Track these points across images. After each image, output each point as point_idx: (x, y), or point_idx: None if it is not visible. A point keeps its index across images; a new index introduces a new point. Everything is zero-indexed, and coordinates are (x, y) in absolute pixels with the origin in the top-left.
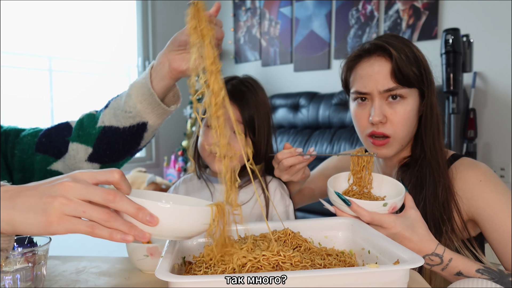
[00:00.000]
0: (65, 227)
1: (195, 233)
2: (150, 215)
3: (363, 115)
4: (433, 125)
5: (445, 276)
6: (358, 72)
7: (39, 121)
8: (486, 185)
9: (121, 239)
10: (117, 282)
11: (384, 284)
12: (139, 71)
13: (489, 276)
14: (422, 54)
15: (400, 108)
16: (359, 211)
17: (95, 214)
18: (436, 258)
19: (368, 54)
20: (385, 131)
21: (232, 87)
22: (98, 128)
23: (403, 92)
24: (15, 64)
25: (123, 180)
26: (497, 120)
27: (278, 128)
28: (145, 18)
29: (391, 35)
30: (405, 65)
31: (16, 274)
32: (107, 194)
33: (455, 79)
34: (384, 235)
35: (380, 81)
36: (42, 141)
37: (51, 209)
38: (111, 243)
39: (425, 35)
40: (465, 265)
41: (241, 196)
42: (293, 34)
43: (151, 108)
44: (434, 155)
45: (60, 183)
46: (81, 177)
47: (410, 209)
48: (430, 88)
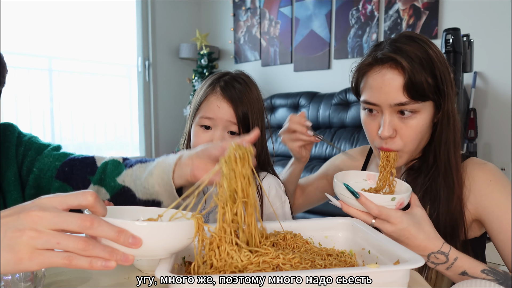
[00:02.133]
0: (38, 262)
1: (180, 248)
2: (132, 237)
3: (372, 126)
4: (449, 137)
5: (450, 276)
6: (368, 81)
7: (39, 121)
8: (496, 185)
9: (103, 267)
10: (117, 282)
11: (384, 284)
12: (138, 71)
13: (494, 277)
14: (439, 56)
15: (411, 122)
16: (367, 204)
17: (71, 244)
18: (442, 257)
19: (380, 63)
20: (393, 147)
21: (225, 83)
22: (119, 185)
23: (415, 107)
24: (15, 64)
25: (98, 202)
26: (497, 120)
27: (278, 128)
28: (145, 18)
29: (407, 37)
30: (418, 78)
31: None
32: (82, 220)
33: (455, 79)
34: (384, 235)
35: (391, 94)
36: (65, 170)
37: (20, 245)
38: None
39: (425, 35)
40: (470, 265)
41: None
42: (293, 34)
43: (167, 194)
44: (449, 170)
45: (26, 213)
46: (50, 203)
47: (416, 207)
48: (447, 96)
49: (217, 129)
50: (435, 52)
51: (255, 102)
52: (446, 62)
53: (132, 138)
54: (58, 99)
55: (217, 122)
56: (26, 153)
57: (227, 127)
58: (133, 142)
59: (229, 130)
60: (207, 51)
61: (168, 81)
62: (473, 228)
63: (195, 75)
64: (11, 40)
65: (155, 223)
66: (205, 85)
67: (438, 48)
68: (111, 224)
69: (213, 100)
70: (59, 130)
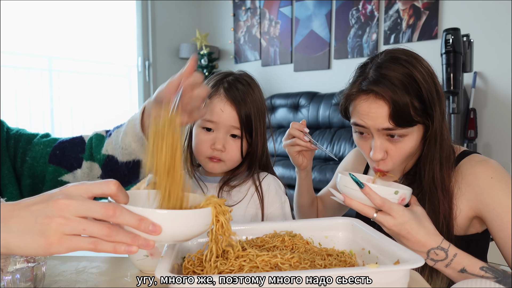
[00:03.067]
0: (67, 247)
1: (197, 234)
2: (152, 224)
3: (365, 148)
4: (435, 157)
5: (449, 274)
6: (356, 108)
7: (39, 121)
8: (497, 182)
9: (126, 251)
10: (117, 282)
11: (384, 284)
12: (138, 71)
13: (492, 274)
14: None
15: (401, 145)
16: (371, 194)
17: (96, 230)
18: (441, 253)
19: (365, 93)
20: (385, 169)
21: (229, 85)
22: (103, 155)
23: (403, 132)
24: (15, 64)
25: (120, 191)
26: (497, 120)
27: (278, 128)
28: (145, 18)
29: (391, 58)
30: (403, 104)
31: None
32: (106, 209)
33: (455, 79)
34: (384, 235)
35: (378, 120)
36: (56, 153)
37: (50, 231)
38: None
39: (425, 35)
40: (469, 261)
41: (235, 196)
42: (293, 34)
43: (144, 149)
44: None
45: (54, 201)
46: (76, 192)
47: (416, 206)
48: (436, 117)
49: (220, 132)
50: (421, 72)
51: (257, 103)
52: (434, 79)
53: None
54: (58, 99)
55: (219, 126)
56: (16, 145)
57: (229, 131)
58: None
59: (231, 133)
60: (207, 51)
61: None
62: (473, 224)
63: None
64: (11, 40)
65: (174, 212)
66: (208, 85)
67: (424, 64)
68: (132, 212)
69: (216, 102)
70: (59, 130)
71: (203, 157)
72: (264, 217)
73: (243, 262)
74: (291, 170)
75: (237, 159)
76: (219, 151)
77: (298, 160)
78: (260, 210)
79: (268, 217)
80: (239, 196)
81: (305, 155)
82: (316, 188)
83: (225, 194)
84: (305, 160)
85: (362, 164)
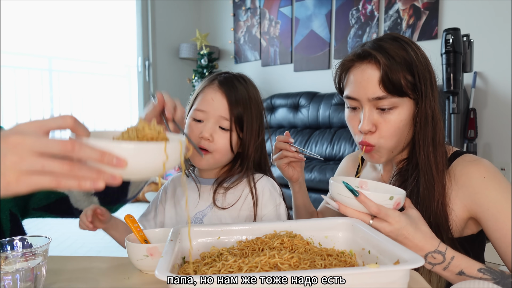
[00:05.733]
0: (27, 185)
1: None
2: (116, 158)
3: (354, 122)
4: (428, 136)
5: (447, 276)
6: (350, 77)
7: None
8: (490, 182)
9: (92, 187)
10: (117, 282)
11: (384, 284)
12: (138, 71)
13: (490, 276)
14: (420, 58)
15: (390, 117)
16: (366, 202)
17: (56, 166)
18: (439, 256)
19: (360, 60)
20: (372, 141)
21: (224, 78)
22: None
23: (393, 102)
24: (15, 64)
25: (78, 124)
26: (497, 120)
27: (278, 128)
28: (145, 18)
29: (390, 37)
30: (395, 73)
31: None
32: (64, 144)
33: (455, 79)
34: (384, 235)
35: (369, 89)
36: None
37: (4, 169)
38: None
39: (425, 35)
40: (467, 264)
41: (229, 198)
42: (293, 34)
43: None
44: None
45: (5, 139)
46: (29, 128)
47: (411, 209)
48: (426, 96)
49: (209, 122)
50: (416, 53)
51: (252, 102)
52: (428, 65)
53: None
54: (58, 99)
55: (209, 116)
56: None
57: (219, 121)
58: None
59: (220, 126)
60: (207, 51)
61: (168, 81)
62: (468, 226)
63: (195, 75)
64: (11, 40)
65: (139, 144)
66: (204, 80)
67: (422, 52)
68: (93, 147)
69: (208, 92)
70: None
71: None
72: (258, 219)
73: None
74: None
75: (225, 152)
76: (206, 141)
77: (288, 173)
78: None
79: (262, 219)
80: (233, 198)
81: (295, 167)
82: (316, 188)
83: (219, 196)
84: (295, 172)
85: (354, 167)
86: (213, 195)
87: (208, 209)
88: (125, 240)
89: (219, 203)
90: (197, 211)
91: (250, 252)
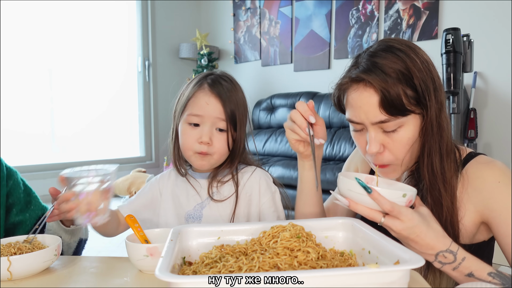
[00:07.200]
0: None
1: None
2: None
3: (361, 142)
4: (433, 147)
5: (455, 277)
6: (349, 100)
7: (39, 121)
8: (505, 186)
9: None
10: (117, 282)
11: (384, 284)
12: (138, 71)
13: (500, 281)
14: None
15: (397, 136)
16: (379, 199)
17: None
18: (450, 256)
19: (356, 82)
20: (385, 162)
21: (212, 81)
22: None
23: (398, 122)
24: (15, 64)
25: None
26: (497, 120)
27: (278, 128)
28: (145, 18)
29: (383, 47)
30: (394, 93)
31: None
32: None
33: (456, 79)
34: (384, 235)
35: (371, 113)
36: None
37: None
38: (111, 243)
39: (425, 35)
40: (477, 266)
41: (225, 191)
42: (293, 34)
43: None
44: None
45: None
46: None
47: (422, 207)
48: (431, 107)
49: (206, 125)
50: (414, 60)
51: (240, 99)
52: (430, 69)
53: (132, 138)
54: (58, 99)
55: (205, 119)
56: None
57: (215, 123)
58: (133, 142)
59: (217, 127)
60: (207, 51)
61: (168, 81)
62: (480, 231)
63: (195, 75)
64: (11, 41)
65: None
66: (191, 84)
67: (422, 55)
68: None
69: (201, 96)
70: (59, 130)
71: (191, 152)
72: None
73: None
74: (291, 170)
75: (223, 152)
76: (206, 145)
77: (298, 148)
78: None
79: (262, 207)
80: (229, 191)
81: (306, 146)
82: None
83: (215, 190)
84: (306, 149)
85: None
86: (208, 189)
87: (206, 202)
88: (125, 240)
89: (215, 196)
90: (195, 204)
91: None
